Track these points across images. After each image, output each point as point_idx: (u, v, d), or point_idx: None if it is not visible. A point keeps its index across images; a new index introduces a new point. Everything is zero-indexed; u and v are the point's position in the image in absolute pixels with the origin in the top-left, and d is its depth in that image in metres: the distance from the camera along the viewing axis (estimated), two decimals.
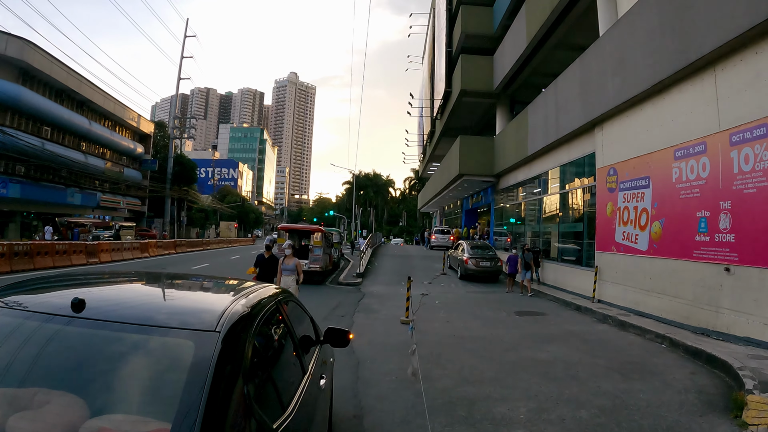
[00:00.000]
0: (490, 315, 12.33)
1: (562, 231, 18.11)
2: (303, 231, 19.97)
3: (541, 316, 12.43)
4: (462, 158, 26.62)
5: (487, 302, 14.72)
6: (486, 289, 17.73)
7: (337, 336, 3.62)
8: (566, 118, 16.53)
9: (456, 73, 28.72)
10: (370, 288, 16.84)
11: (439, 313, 12.13)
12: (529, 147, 20.30)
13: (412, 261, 26.70)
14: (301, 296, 14.86)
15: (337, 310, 12.11)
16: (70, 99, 41.28)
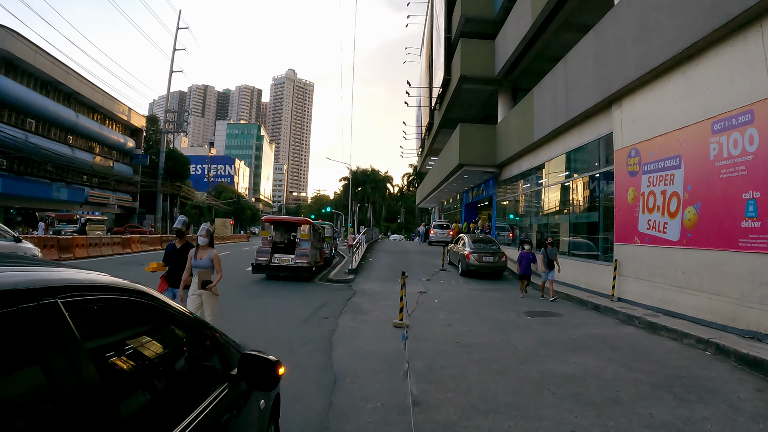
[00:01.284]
0: (498, 316, 10.78)
1: (574, 222, 16.55)
2: (289, 223, 18.42)
3: (555, 318, 10.89)
4: (462, 147, 25.07)
5: (493, 301, 13.18)
6: (490, 287, 16.19)
7: (257, 369, 2.06)
8: (578, 97, 15.01)
9: (455, 59, 27.15)
10: (362, 285, 15.29)
11: (438, 315, 10.60)
12: (535, 133, 18.76)
13: (409, 257, 25.13)
14: (285, 294, 13.33)
15: (321, 310, 10.55)
16: (57, 91, 39.73)
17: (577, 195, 16.42)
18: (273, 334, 7.94)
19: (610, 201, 13.65)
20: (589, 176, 15.46)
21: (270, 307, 10.75)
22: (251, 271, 15.95)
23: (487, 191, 29.19)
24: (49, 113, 37.60)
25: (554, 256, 13.93)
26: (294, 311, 10.30)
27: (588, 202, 15.69)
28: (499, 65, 24.28)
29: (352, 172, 74.76)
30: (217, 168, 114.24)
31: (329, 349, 7.05)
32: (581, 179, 15.99)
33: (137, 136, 53.72)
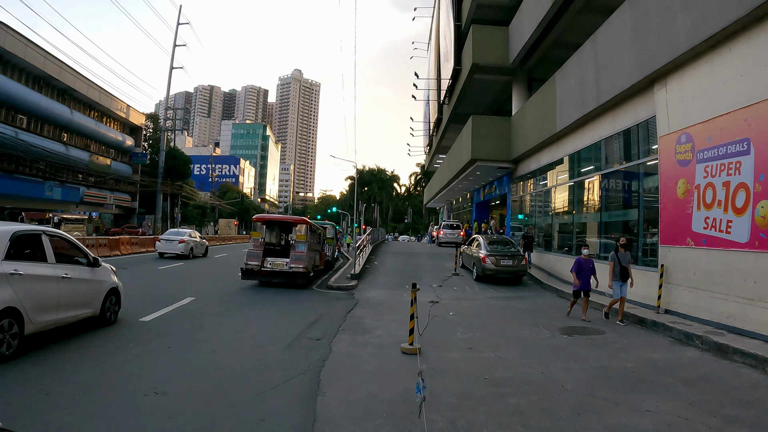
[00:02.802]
0: (528, 335, 8.92)
1: (606, 221, 14.63)
2: (284, 223, 16.54)
3: (597, 336, 9.03)
4: (475, 141, 23.19)
5: (517, 314, 11.32)
6: (510, 294, 14.35)
7: None
8: (611, 78, 13.14)
9: (466, 48, 25.30)
10: (365, 293, 13.47)
11: (456, 333, 8.76)
12: (557, 122, 16.89)
13: (418, 259, 23.22)
14: (274, 306, 11.15)
15: (313, 328, 8.70)
16: (50, 86, 38.17)
17: (609, 190, 14.54)
18: (241, 368, 6.02)
19: (653, 196, 11.81)
20: (624, 168, 13.59)
21: (251, 324, 8.99)
22: (241, 277, 14.14)
23: (501, 189, 27.30)
24: (42, 109, 36.04)
25: (628, 262, 10.57)
26: (279, 330, 8.50)
27: (623, 198, 13.82)
28: (514, 53, 22.45)
29: (359, 171, 73.02)
30: (221, 168, 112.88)
31: (315, 392, 5.22)
32: (614, 172, 14.11)
33: (136, 134, 52.15)
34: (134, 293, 11.47)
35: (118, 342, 7.02)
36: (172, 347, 6.83)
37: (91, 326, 7.80)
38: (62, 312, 6.86)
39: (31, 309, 6.14)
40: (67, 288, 6.93)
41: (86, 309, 7.54)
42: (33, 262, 6.43)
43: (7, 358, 5.71)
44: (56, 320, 6.78)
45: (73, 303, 7.12)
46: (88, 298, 7.58)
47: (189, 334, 7.64)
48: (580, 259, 11.06)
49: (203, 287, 13.48)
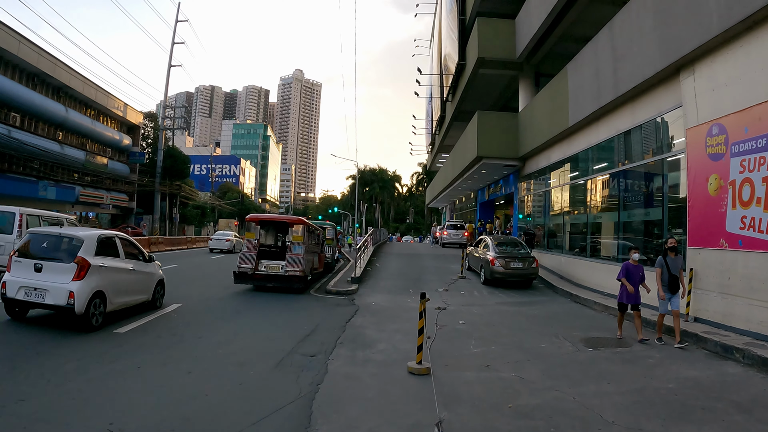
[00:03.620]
0: (549, 348, 8.00)
1: (624, 221, 13.68)
2: (280, 223, 15.54)
3: (625, 350, 8.12)
4: (481, 138, 22.25)
5: (532, 322, 10.39)
6: (522, 299, 13.43)
7: None
8: (630, 67, 12.22)
9: (471, 42, 24.39)
10: (366, 299, 12.53)
11: (468, 346, 7.84)
12: (570, 116, 15.97)
13: (421, 261, 22.26)
14: (266, 314, 10.12)
15: (308, 341, 7.77)
16: (44, 84, 37.17)
17: (627, 188, 13.61)
18: (218, 396, 5.04)
19: (679, 193, 10.89)
20: (645, 164, 12.65)
21: (238, 337, 8.00)
22: (233, 281, 13.22)
23: (507, 188, 26.37)
24: (36, 107, 35.03)
25: (679, 269, 8.71)
26: (269, 344, 7.54)
27: (644, 196, 12.89)
28: (521, 47, 21.53)
29: (360, 170, 72.12)
30: (222, 168, 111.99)
31: (305, 429, 4.29)
32: (634, 168, 13.18)
33: (134, 133, 51.10)
34: None
35: (83, 359, 6.10)
36: (143, 366, 5.90)
37: (145, 309, 9.51)
38: (129, 296, 8.99)
39: (111, 293, 8.20)
40: (132, 278, 9.06)
41: (143, 295, 9.61)
42: (111, 258, 8.53)
43: (95, 328, 7.69)
44: (126, 302, 8.84)
45: (136, 290, 9.26)
46: (145, 286, 9.69)
47: (164, 350, 6.71)
48: (629, 265, 9.15)
49: (192, 292, 12.55)
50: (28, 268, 7.62)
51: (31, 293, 7.48)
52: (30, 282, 7.51)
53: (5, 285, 7.64)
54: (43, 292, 7.45)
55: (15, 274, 7.68)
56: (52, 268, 7.60)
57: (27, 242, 8.03)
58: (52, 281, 7.46)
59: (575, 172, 17.07)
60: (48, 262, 7.65)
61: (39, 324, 7.93)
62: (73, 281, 7.45)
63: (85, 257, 7.70)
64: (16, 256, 7.87)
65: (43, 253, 7.82)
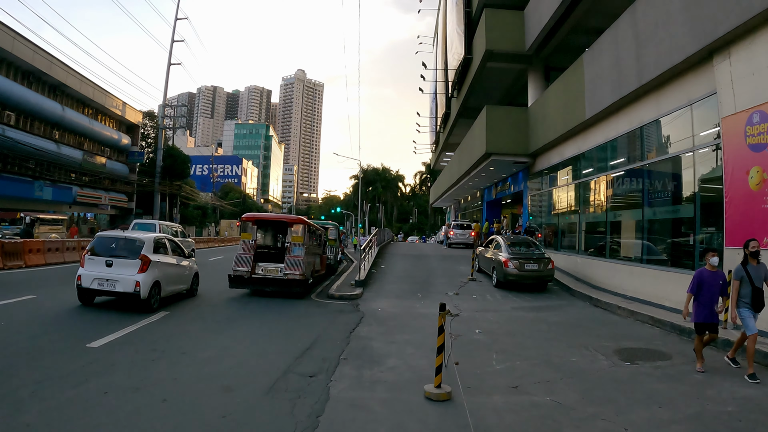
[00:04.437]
0: (581, 363, 7.07)
1: (649, 219, 12.71)
2: (278, 223, 14.48)
3: (666, 363, 7.18)
4: (489, 134, 21.31)
5: (554, 330, 9.44)
6: (538, 303, 12.50)
7: None
8: (656, 53, 11.29)
9: (478, 34, 23.46)
10: (372, 304, 11.59)
11: (490, 361, 6.90)
12: (587, 108, 15.04)
13: (428, 262, 21.28)
14: (262, 323, 9.04)
15: (308, 357, 6.82)
16: (40, 82, 36.33)
17: (652, 183, 12.64)
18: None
19: (713, 187, 9.97)
20: (672, 156, 11.69)
21: (227, 353, 6.94)
22: (228, 285, 12.28)
23: (516, 185, 25.42)
24: (31, 105, 34.18)
25: (763, 280, 6.73)
26: (263, 361, 6.58)
27: (672, 192, 11.93)
28: (530, 39, 20.63)
29: (363, 170, 71.16)
30: (223, 168, 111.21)
31: None
32: (659, 161, 12.23)
33: (133, 132, 50.24)
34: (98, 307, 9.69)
35: (43, 382, 5.15)
36: (111, 392, 4.94)
37: (185, 297, 11.44)
38: (176, 285, 10.96)
39: (164, 282, 10.12)
40: (177, 271, 11.02)
41: (184, 285, 11.57)
42: (163, 255, 10.42)
43: (154, 310, 9.56)
44: (173, 291, 10.79)
45: (180, 281, 11.22)
46: (186, 278, 11.64)
47: (140, 370, 5.76)
48: (703, 273, 6.95)
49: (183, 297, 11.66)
50: (100, 264, 9.52)
51: (104, 283, 9.36)
52: (102, 274, 9.40)
53: (80, 278, 9.49)
54: (114, 282, 9.32)
55: (89, 269, 9.54)
56: (120, 264, 9.49)
57: (96, 244, 10.03)
58: (121, 274, 9.33)
59: (591, 167, 16.12)
60: (117, 259, 9.55)
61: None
62: (138, 273, 9.38)
63: (146, 254, 9.67)
64: (88, 255, 9.74)
65: (112, 252, 9.71)
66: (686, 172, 11.34)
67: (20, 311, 8.96)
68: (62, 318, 8.58)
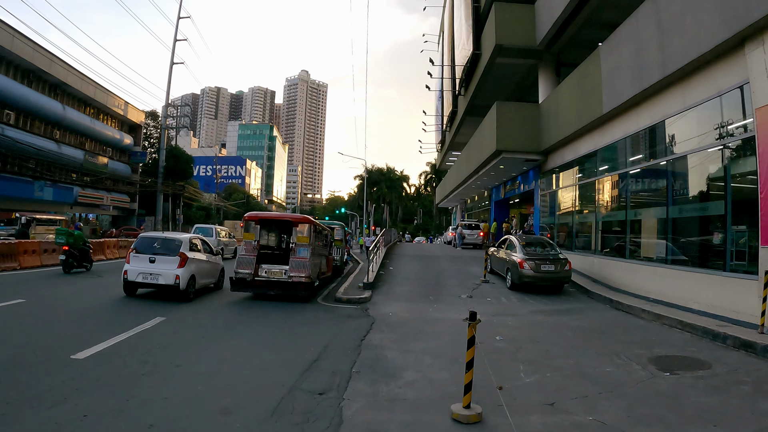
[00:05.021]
0: (616, 373, 6.41)
1: (675, 218, 12.01)
2: (283, 222, 13.82)
3: (707, 372, 6.52)
4: (500, 131, 20.63)
5: (579, 335, 8.77)
6: (556, 306, 11.84)
7: None
8: (682, 42, 10.62)
9: (487, 29, 22.80)
10: (382, 308, 10.94)
11: (517, 373, 6.24)
12: (604, 103, 14.37)
13: (437, 263, 20.58)
14: (265, 331, 8.31)
15: (316, 370, 6.15)
16: (40, 80, 35.94)
17: (676, 179, 11.95)
18: None
19: (746, 182, 9.31)
20: (700, 150, 10.99)
21: (226, 366, 6.26)
22: (230, 288, 11.69)
23: (526, 184, 24.72)
24: (31, 104, 33.77)
25: None
26: (266, 376, 5.89)
27: (700, 188, 11.24)
28: (541, 33, 19.98)
29: (367, 170, 70.49)
30: (227, 169, 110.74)
31: None
32: (685, 156, 11.53)
33: (136, 132, 49.86)
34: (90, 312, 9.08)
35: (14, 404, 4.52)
36: (91, 415, 4.29)
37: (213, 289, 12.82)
38: (206, 279, 12.30)
39: (198, 276, 11.57)
40: (207, 266, 12.23)
41: (213, 279, 12.89)
42: (196, 252, 11.81)
43: (190, 300, 11.04)
44: (205, 283, 12.17)
45: (209, 275, 12.50)
46: (214, 273, 12.95)
47: (127, 387, 5.09)
48: None
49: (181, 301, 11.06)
50: (144, 261, 11.05)
51: (147, 277, 10.91)
52: (146, 270, 10.95)
53: (126, 272, 11.00)
54: (156, 276, 10.87)
55: (134, 265, 11.04)
56: (162, 260, 10.99)
57: (138, 243, 11.61)
58: (163, 269, 10.84)
59: (609, 164, 15.45)
60: (159, 256, 11.04)
61: None
62: (177, 268, 10.87)
63: (184, 252, 11.13)
64: (133, 252, 11.25)
65: (154, 250, 11.15)
66: (715, 167, 10.68)
67: (4, 317, 8.34)
68: (49, 324, 7.96)
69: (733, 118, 9.83)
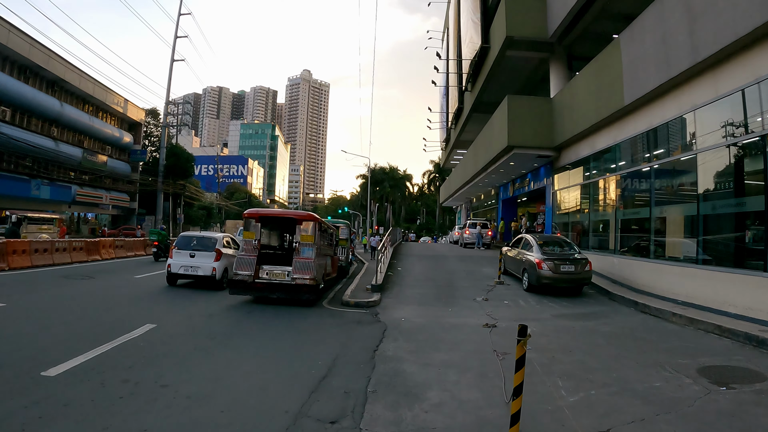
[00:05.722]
0: (668, 389, 5.59)
1: (706, 215, 11.15)
2: (285, 219, 12.89)
3: (763, 385, 5.73)
4: (511, 125, 19.81)
5: (613, 343, 7.94)
6: (579, 310, 11.03)
7: None
8: (715, 26, 9.84)
9: (497, 21, 22.01)
10: (393, 312, 10.13)
11: (557, 391, 5.42)
12: (625, 94, 13.57)
13: (447, 263, 19.71)
14: (267, 339, 7.39)
15: (325, 390, 5.27)
16: (38, 77, 35.22)
17: (707, 174, 11.11)
18: None
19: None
20: (738, 142, 10.15)
21: (220, 386, 5.32)
22: (228, 291, 10.87)
23: (536, 182, 23.90)
24: (28, 101, 33.01)
25: None
26: (267, 399, 4.97)
27: (734, 183, 10.39)
28: (553, 25, 19.21)
29: (370, 169, 69.65)
30: (229, 168, 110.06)
31: None
32: (718, 149, 10.69)
33: (135, 130, 49.06)
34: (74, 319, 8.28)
35: None
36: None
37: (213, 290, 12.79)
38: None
39: (229, 268, 12.89)
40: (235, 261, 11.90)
41: None
42: (227, 248, 13.88)
43: (222, 288, 12.66)
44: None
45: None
46: None
47: (101, 414, 4.19)
48: None
49: (176, 306, 10.21)
50: (185, 256, 13.15)
51: (188, 270, 12.93)
52: (187, 263, 12.99)
53: (170, 266, 13.09)
54: (196, 268, 12.86)
55: (176, 260, 13.13)
56: (200, 255, 13.08)
57: (179, 241, 13.76)
58: (201, 262, 12.76)
59: (630, 158, 14.63)
60: (198, 252, 13.18)
61: None
62: (214, 261, 12.87)
63: (219, 248, 13.17)
64: (175, 249, 13.39)
65: (193, 247, 13.33)
66: (753, 159, 9.84)
67: None
68: (26, 333, 7.12)
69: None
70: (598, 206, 17.17)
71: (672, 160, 12.48)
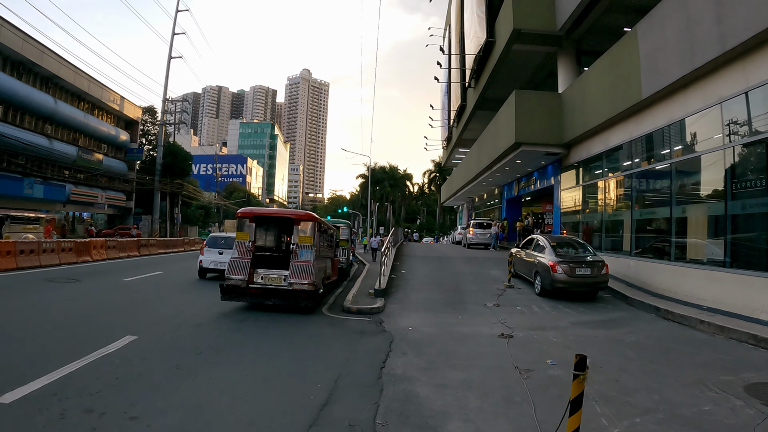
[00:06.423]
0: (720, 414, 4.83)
1: (734, 215, 10.36)
2: (282, 219, 11.98)
3: None
4: (519, 121, 19.04)
5: (645, 356, 7.15)
6: (596, 316, 10.28)
7: None
8: (746, 11, 9.15)
9: (503, 14, 21.29)
10: (399, 321, 9.33)
11: (597, 418, 4.64)
12: (643, 87, 12.82)
13: (452, 265, 18.88)
14: (261, 354, 6.46)
15: (326, 423, 4.41)
16: (31, 73, 34.37)
17: (736, 171, 10.33)
18: None
19: None
20: None
21: (200, 417, 4.46)
22: (220, 297, 9.97)
23: (543, 180, 23.16)
24: (20, 97, 32.15)
25: None
26: (270, 411, 4.34)
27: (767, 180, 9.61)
28: (562, 18, 18.57)
29: (370, 168, 68.85)
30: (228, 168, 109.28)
31: None
32: (750, 144, 9.92)
33: (132, 128, 48.16)
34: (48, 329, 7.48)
35: None
36: None
37: None
38: None
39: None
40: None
41: None
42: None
43: None
44: None
45: None
46: None
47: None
48: None
49: (162, 312, 9.35)
50: (214, 253, 15.43)
51: (217, 264, 15.04)
52: (216, 259, 15.25)
53: (201, 261, 15.52)
54: (223, 263, 13.53)
55: (207, 256, 15.49)
56: (227, 252, 14.31)
57: (209, 241, 16.16)
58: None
59: (648, 155, 13.86)
60: (225, 250, 15.16)
61: None
62: None
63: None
64: (206, 247, 15.81)
65: (221, 246, 15.61)
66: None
67: None
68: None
69: None
70: (611, 205, 16.39)
71: (695, 156, 11.71)
